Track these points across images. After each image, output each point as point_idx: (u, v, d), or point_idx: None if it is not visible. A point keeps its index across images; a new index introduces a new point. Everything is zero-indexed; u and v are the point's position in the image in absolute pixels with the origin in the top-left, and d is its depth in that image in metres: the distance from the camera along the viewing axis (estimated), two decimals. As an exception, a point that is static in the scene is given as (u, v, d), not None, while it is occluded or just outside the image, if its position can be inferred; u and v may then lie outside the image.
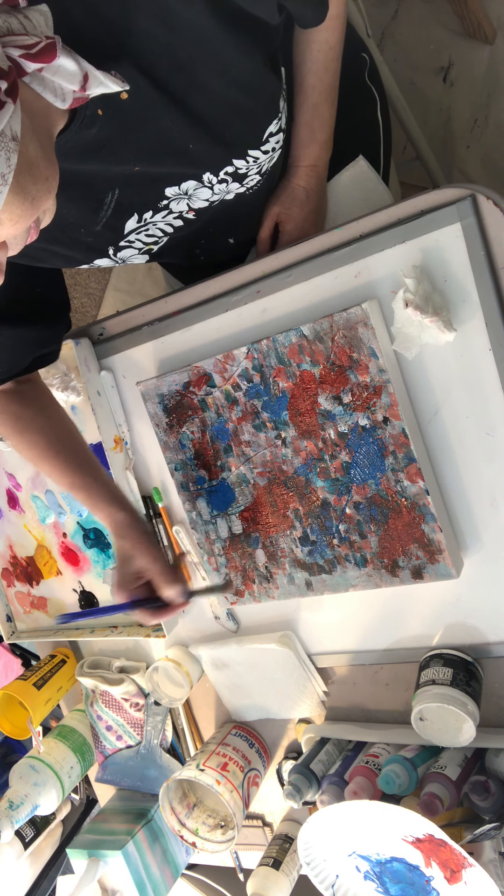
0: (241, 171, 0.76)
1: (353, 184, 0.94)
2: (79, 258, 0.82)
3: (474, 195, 0.70)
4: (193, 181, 0.74)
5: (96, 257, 0.82)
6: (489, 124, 1.48)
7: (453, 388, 0.76)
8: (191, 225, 0.82)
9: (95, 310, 1.89)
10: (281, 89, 0.75)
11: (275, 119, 0.74)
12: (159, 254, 0.88)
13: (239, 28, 0.64)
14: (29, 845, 1.21)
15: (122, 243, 0.81)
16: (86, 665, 1.14)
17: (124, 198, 0.74)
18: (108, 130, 0.65)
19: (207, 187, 0.76)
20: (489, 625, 0.82)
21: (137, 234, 0.80)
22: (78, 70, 0.54)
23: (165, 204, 0.76)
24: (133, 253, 0.84)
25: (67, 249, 0.80)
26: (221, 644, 0.99)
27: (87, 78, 0.55)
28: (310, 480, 0.84)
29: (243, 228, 0.91)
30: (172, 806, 1.02)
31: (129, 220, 0.77)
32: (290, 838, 1.03)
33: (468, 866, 0.74)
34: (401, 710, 0.91)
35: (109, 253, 0.82)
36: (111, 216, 0.75)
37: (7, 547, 1.19)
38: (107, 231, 0.78)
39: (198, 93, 0.66)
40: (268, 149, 0.76)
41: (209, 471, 0.90)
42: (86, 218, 0.75)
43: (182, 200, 0.77)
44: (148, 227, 0.79)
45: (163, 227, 0.81)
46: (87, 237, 0.78)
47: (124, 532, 0.83)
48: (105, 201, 0.73)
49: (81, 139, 0.64)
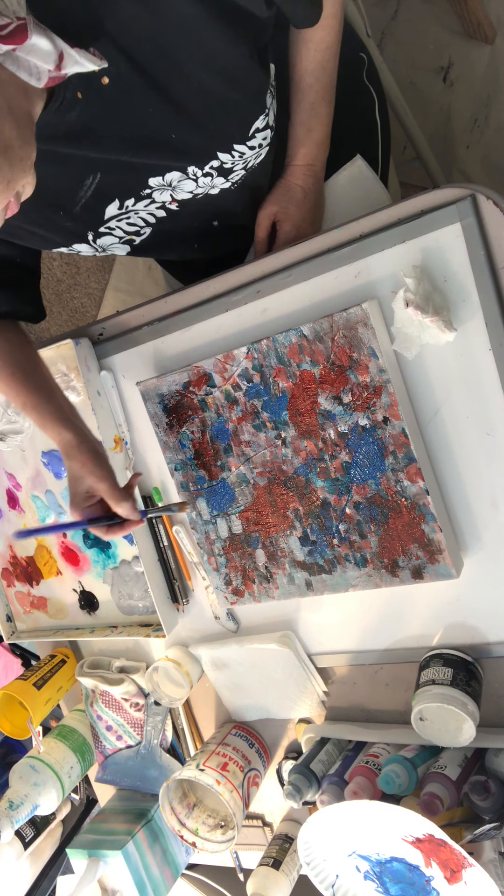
0: (226, 165, 0.76)
1: (351, 183, 0.94)
2: (57, 240, 0.81)
3: (474, 195, 0.70)
4: (178, 173, 0.74)
5: (75, 241, 0.81)
6: (489, 124, 1.48)
7: (453, 388, 0.76)
8: (174, 217, 0.82)
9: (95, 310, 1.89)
10: (269, 85, 0.74)
11: (261, 115, 0.73)
12: (142, 247, 0.87)
13: (226, 18, 0.63)
14: (29, 845, 1.21)
15: (101, 229, 0.80)
16: (86, 665, 1.14)
17: (105, 182, 0.73)
18: (90, 116, 0.65)
19: (192, 180, 0.75)
20: (489, 625, 0.82)
21: (118, 221, 0.80)
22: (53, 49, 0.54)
23: (148, 193, 0.76)
24: (113, 241, 0.83)
25: (45, 231, 0.79)
26: (221, 644, 0.99)
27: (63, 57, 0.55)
28: (310, 480, 0.84)
29: (228, 215, 0.91)
30: (172, 806, 1.02)
31: (109, 206, 0.77)
32: (290, 838, 1.03)
33: (468, 866, 0.74)
34: (401, 710, 0.91)
35: (89, 238, 0.81)
36: (91, 198, 0.75)
37: (7, 547, 1.19)
38: (86, 214, 0.77)
39: (181, 81, 0.66)
40: (254, 144, 0.75)
41: (209, 471, 0.90)
42: (65, 199, 0.74)
43: (166, 191, 0.76)
44: (129, 215, 0.79)
45: (145, 217, 0.80)
46: (66, 221, 0.77)
47: (72, 452, 0.82)
48: (85, 183, 0.73)
49: (63, 123, 0.64)
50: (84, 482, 0.82)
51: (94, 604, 1.12)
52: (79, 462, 0.82)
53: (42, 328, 1.82)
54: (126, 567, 1.06)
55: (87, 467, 0.81)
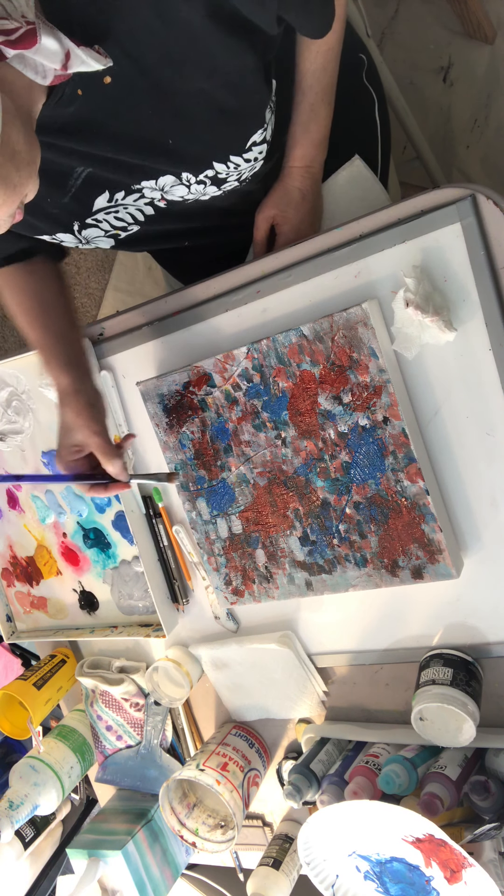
0: (220, 175, 0.76)
1: (350, 183, 0.94)
2: (41, 227, 0.80)
3: (474, 195, 0.70)
4: (171, 177, 0.74)
5: (59, 231, 0.80)
6: (489, 124, 1.48)
7: (453, 388, 0.76)
8: (162, 216, 0.81)
9: (95, 310, 1.89)
10: (269, 100, 0.74)
11: (259, 129, 0.74)
12: (127, 242, 0.87)
13: (235, 32, 0.64)
14: (29, 845, 1.21)
15: (88, 220, 0.79)
16: (86, 665, 1.14)
17: (97, 174, 0.73)
18: (88, 113, 0.65)
19: (185, 185, 0.75)
20: (489, 625, 0.82)
21: (106, 214, 0.79)
22: (60, 49, 0.54)
23: (139, 188, 0.76)
24: (99, 234, 0.82)
25: (31, 216, 0.78)
26: (221, 644, 0.99)
27: (69, 56, 0.55)
28: (310, 480, 0.84)
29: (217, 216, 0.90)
30: (172, 806, 1.02)
31: (99, 197, 0.76)
32: (290, 838, 1.03)
33: (468, 866, 0.74)
34: (401, 710, 0.91)
35: (74, 229, 0.80)
36: (80, 187, 0.74)
37: (7, 547, 1.19)
38: (74, 203, 0.76)
39: (183, 89, 0.66)
40: (250, 157, 0.75)
41: (209, 471, 0.90)
42: (54, 185, 0.73)
43: (156, 191, 0.76)
44: (118, 209, 0.78)
45: (133, 213, 0.80)
46: (52, 208, 0.76)
47: (66, 399, 0.80)
48: (76, 170, 0.72)
49: (59, 117, 0.64)
50: (75, 434, 0.78)
51: (94, 604, 1.12)
52: (73, 411, 0.79)
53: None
54: (126, 567, 1.06)
55: (80, 418, 0.78)
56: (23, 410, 1.08)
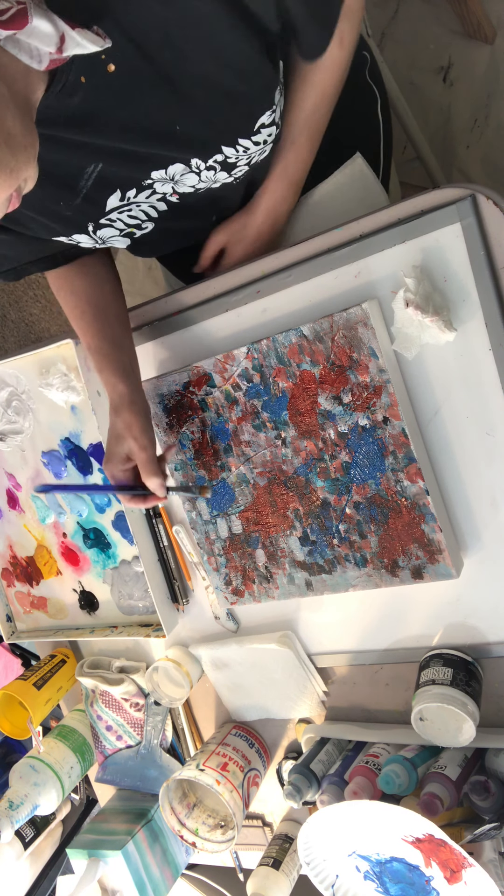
0: (230, 160, 0.75)
1: (350, 182, 0.94)
2: (57, 229, 0.80)
3: (474, 195, 0.70)
4: (181, 165, 0.73)
5: (75, 232, 0.80)
6: (489, 124, 1.48)
7: (453, 388, 0.76)
8: (175, 212, 0.81)
9: (95, 310, 1.88)
10: (278, 80, 0.73)
11: (268, 110, 0.72)
12: (142, 241, 0.86)
13: (238, 13, 0.63)
14: (29, 845, 1.21)
15: (102, 220, 0.79)
16: (86, 665, 1.14)
17: (108, 172, 0.72)
18: (93, 102, 0.64)
19: (195, 173, 0.75)
20: (489, 625, 0.82)
21: (119, 213, 0.79)
22: (54, 32, 0.53)
23: (150, 184, 0.75)
24: (114, 234, 0.82)
25: (47, 219, 0.78)
26: (221, 644, 0.99)
27: (64, 39, 0.54)
28: (310, 480, 0.84)
29: (227, 210, 0.90)
30: (172, 806, 1.02)
31: (111, 197, 0.76)
32: (290, 838, 1.03)
33: (468, 866, 0.74)
34: (401, 710, 0.91)
35: (89, 229, 0.80)
36: (92, 188, 0.74)
37: (7, 547, 1.19)
38: (87, 205, 0.76)
39: (188, 72, 0.65)
40: (259, 140, 0.75)
41: (209, 471, 0.90)
42: (66, 187, 0.73)
43: (167, 183, 0.76)
44: (131, 207, 0.78)
45: (146, 210, 0.79)
46: (66, 210, 0.76)
47: (121, 409, 0.81)
48: (86, 171, 0.72)
49: (64, 108, 0.63)
50: (125, 444, 0.80)
51: (94, 604, 1.12)
52: (125, 422, 0.80)
53: (42, 328, 1.82)
54: (126, 567, 1.06)
55: (132, 430, 0.79)
56: (23, 410, 1.08)
